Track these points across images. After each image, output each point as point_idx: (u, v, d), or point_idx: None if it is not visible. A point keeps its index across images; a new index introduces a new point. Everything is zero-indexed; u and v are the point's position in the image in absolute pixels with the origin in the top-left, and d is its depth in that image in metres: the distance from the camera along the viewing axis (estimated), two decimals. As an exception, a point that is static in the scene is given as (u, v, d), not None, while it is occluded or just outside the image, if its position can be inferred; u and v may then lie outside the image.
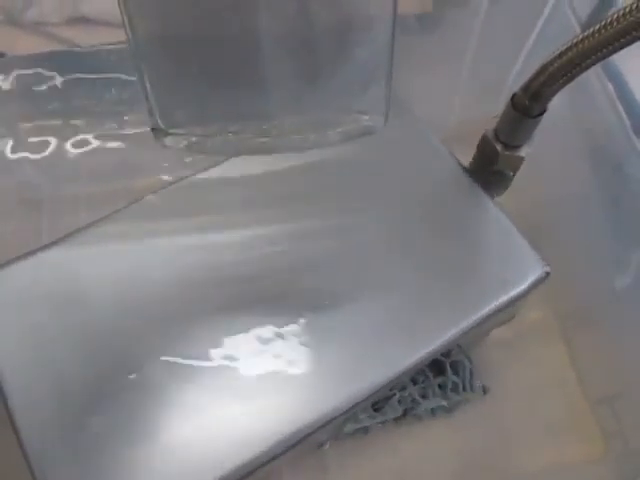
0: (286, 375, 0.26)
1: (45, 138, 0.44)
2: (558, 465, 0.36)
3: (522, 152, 0.30)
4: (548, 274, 0.29)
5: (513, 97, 0.27)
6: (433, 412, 0.36)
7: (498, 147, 0.30)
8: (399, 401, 0.34)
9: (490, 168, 0.31)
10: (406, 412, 0.35)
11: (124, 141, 0.44)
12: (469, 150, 0.32)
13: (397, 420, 0.35)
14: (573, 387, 0.38)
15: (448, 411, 0.36)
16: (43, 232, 0.41)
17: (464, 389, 0.36)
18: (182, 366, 0.26)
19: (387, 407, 0.34)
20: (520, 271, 0.29)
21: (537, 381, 0.38)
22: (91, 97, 0.45)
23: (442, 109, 0.48)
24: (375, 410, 0.34)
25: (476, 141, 0.31)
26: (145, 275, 0.28)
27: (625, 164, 0.39)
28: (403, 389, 0.34)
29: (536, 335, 0.40)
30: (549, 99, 0.26)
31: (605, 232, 0.40)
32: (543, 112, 0.27)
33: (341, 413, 0.26)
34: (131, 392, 0.26)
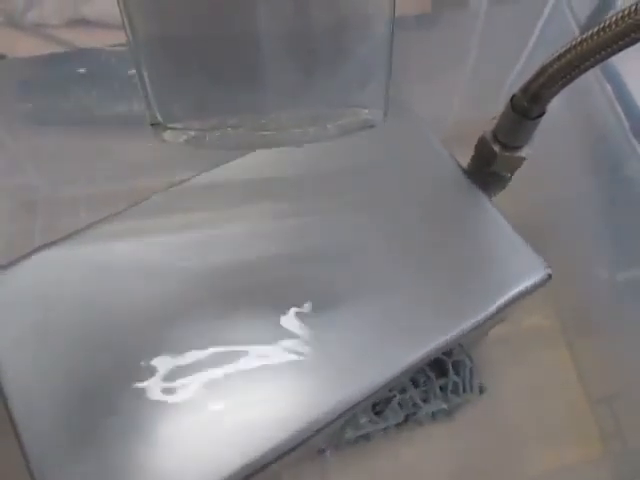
0: (286, 375, 0.26)
1: (45, 138, 0.44)
2: (557, 466, 0.36)
3: (522, 153, 0.30)
4: (550, 276, 0.29)
5: (512, 99, 0.27)
6: (434, 415, 0.36)
7: (496, 148, 0.30)
8: (400, 404, 0.34)
9: (487, 169, 0.31)
10: (407, 417, 0.35)
11: (124, 142, 0.44)
12: (469, 150, 0.32)
13: (398, 426, 0.35)
14: (573, 387, 0.38)
15: (448, 414, 0.36)
16: (43, 233, 0.41)
17: (464, 390, 0.36)
18: (182, 367, 0.26)
19: (388, 411, 0.34)
20: (520, 272, 0.29)
21: (537, 382, 0.38)
22: (91, 98, 0.45)
23: (441, 110, 0.48)
24: (376, 414, 0.34)
25: (475, 142, 0.31)
26: (145, 275, 0.29)
27: (624, 165, 0.39)
28: (404, 392, 0.34)
29: (536, 335, 0.40)
30: (548, 101, 0.26)
31: (604, 233, 0.41)
32: (542, 114, 0.27)
33: (341, 413, 0.26)
34: (131, 392, 0.26)
